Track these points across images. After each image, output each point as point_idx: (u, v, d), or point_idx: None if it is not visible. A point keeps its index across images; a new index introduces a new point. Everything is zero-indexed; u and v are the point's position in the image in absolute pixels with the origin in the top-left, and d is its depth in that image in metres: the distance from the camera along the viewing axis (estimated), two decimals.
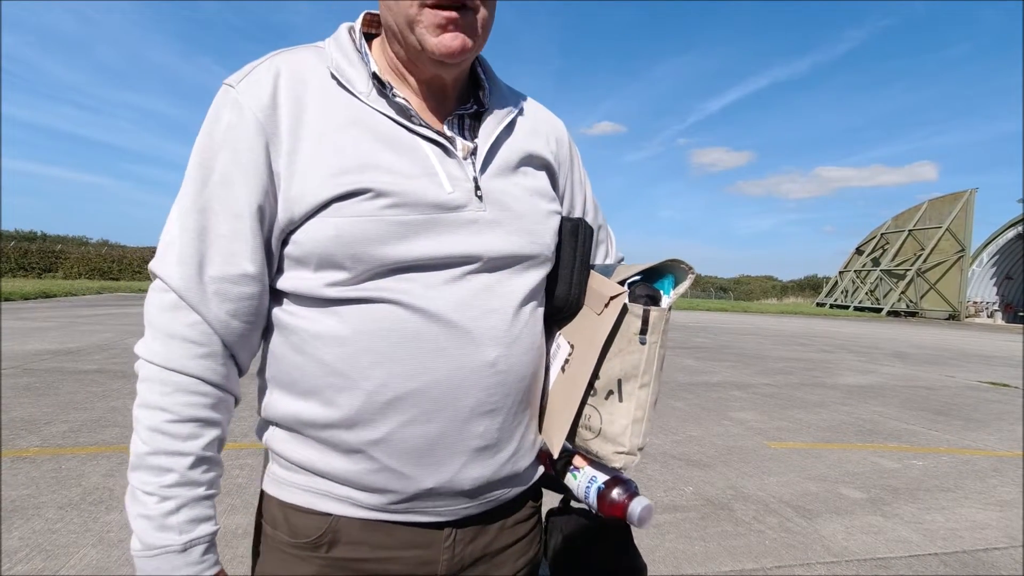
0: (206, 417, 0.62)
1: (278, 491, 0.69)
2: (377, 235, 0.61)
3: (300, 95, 0.63)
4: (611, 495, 0.72)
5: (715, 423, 4.74)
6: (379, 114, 0.65)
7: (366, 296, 0.62)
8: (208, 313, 0.61)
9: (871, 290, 36.79)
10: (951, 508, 3.12)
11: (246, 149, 0.61)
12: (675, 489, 3.18)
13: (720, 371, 7.63)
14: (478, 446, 0.67)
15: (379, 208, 0.61)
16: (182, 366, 0.61)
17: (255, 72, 0.64)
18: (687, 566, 2.34)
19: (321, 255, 0.61)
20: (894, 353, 11.31)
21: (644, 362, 0.70)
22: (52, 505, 2.57)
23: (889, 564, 2.45)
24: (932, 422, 5.23)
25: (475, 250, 0.65)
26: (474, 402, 0.65)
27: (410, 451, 0.64)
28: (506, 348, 0.67)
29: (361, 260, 0.61)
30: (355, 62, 0.67)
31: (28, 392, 4.55)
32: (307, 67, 0.65)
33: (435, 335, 0.63)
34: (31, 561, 2.11)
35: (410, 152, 0.64)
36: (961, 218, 32.63)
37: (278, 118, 0.62)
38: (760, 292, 58.35)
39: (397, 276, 0.62)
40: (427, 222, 0.63)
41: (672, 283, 0.75)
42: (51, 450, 3.28)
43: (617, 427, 0.71)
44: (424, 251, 0.62)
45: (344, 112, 0.64)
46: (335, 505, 0.66)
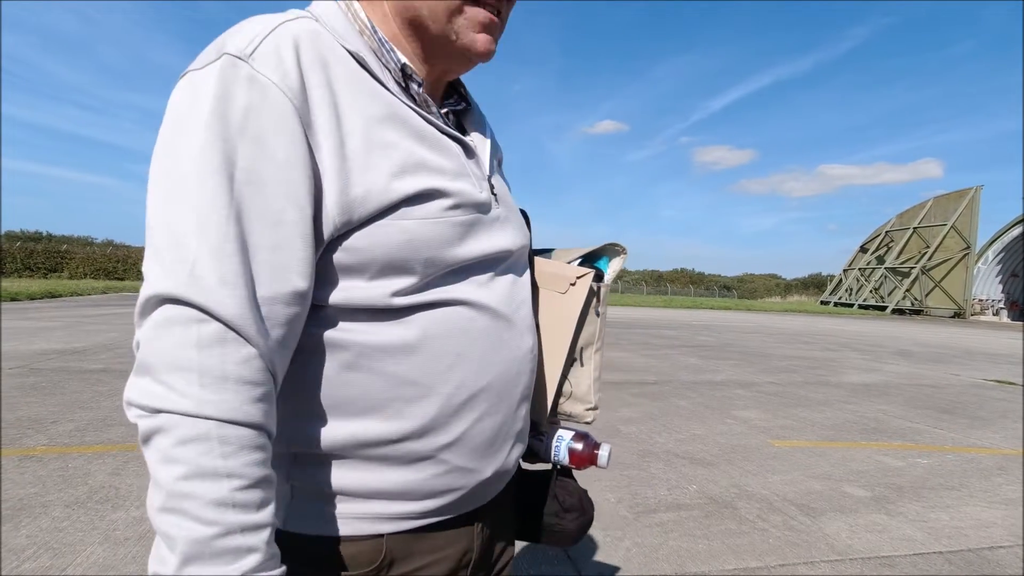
0: (271, 477, 0.51)
1: (317, 527, 0.61)
2: (446, 237, 0.59)
3: (328, 77, 0.55)
4: (579, 447, 0.84)
5: (719, 421, 4.73)
6: (408, 109, 0.60)
7: (435, 300, 0.60)
8: (263, 344, 0.50)
9: (875, 288, 36.64)
10: (956, 506, 3.11)
11: (283, 140, 0.51)
12: (679, 487, 3.18)
13: (724, 369, 7.62)
14: (521, 428, 0.72)
15: (442, 210, 0.59)
16: (245, 415, 0.48)
17: (269, 42, 0.52)
18: (691, 564, 2.34)
19: (386, 262, 0.56)
20: (899, 351, 11.27)
21: (598, 330, 0.83)
22: (59, 503, 2.59)
23: (894, 562, 2.45)
24: (937, 420, 5.21)
25: (507, 245, 0.67)
26: (523, 388, 0.70)
27: (479, 446, 0.65)
28: (535, 334, 0.73)
29: (433, 264, 0.59)
30: (364, 46, 0.60)
31: (35, 391, 4.57)
32: (325, 43, 0.57)
33: (496, 329, 0.65)
34: (38, 559, 2.12)
35: (445, 151, 0.63)
36: (966, 215, 32.46)
37: (311, 103, 0.53)
38: (764, 290, 58.22)
39: (458, 277, 0.62)
40: (475, 221, 0.63)
41: (607, 262, 0.87)
42: (58, 449, 3.30)
43: (583, 388, 0.83)
44: (480, 250, 0.63)
45: (376, 103, 0.57)
46: (386, 524, 0.62)
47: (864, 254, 40.16)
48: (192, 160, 0.49)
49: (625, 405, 5.14)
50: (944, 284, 33.00)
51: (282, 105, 0.51)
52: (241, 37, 0.52)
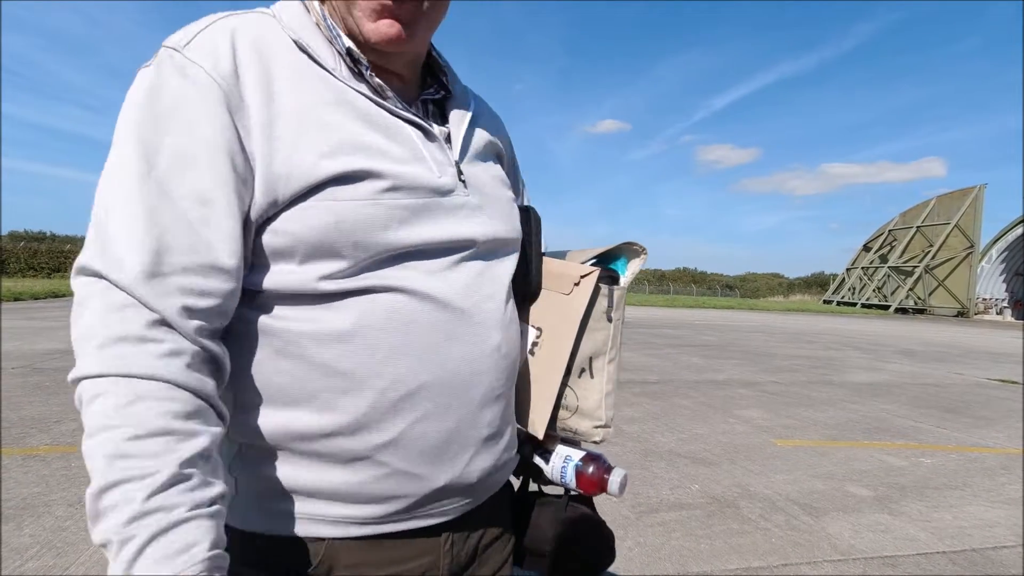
0: (182, 429, 0.48)
1: (255, 524, 0.60)
2: (380, 220, 0.56)
3: (266, 63, 0.56)
4: (589, 470, 0.75)
5: (721, 421, 4.73)
6: (357, 93, 0.60)
7: (369, 286, 0.57)
8: (170, 311, 0.49)
9: (879, 287, 36.57)
10: (959, 506, 3.10)
11: (208, 122, 0.52)
12: (681, 487, 3.18)
13: (726, 369, 7.60)
14: (486, 435, 0.65)
15: (378, 192, 0.57)
16: (142, 368, 0.47)
17: (205, 34, 0.55)
18: (693, 564, 2.34)
19: (314, 244, 0.55)
20: (902, 351, 11.24)
21: (611, 338, 0.74)
22: (62, 503, 2.60)
23: (897, 562, 2.44)
24: (940, 420, 5.20)
25: (469, 234, 0.63)
26: (485, 389, 0.63)
27: (425, 449, 0.59)
28: (505, 331, 0.66)
29: (363, 247, 0.56)
30: (318, 35, 0.61)
31: (38, 391, 4.59)
32: (268, 33, 0.58)
33: (446, 322, 0.60)
34: (41, 558, 2.13)
35: (396, 134, 0.60)
36: (970, 214, 32.36)
37: (242, 87, 0.54)
38: (766, 290, 58.15)
39: (398, 264, 0.58)
40: (425, 206, 0.60)
41: (625, 264, 0.79)
42: (61, 448, 3.31)
43: (592, 402, 0.74)
44: (426, 236, 0.59)
45: (320, 87, 0.58)
46: (329, 528, 0.59)
47: (867, 253, 40.08)
48: (124, 143, 0.52)
49: (627, 404, 5.13)
50: (947, 283, 32.91)
51: (209, 90, 0.53)
52: (182, 32, 0.56)
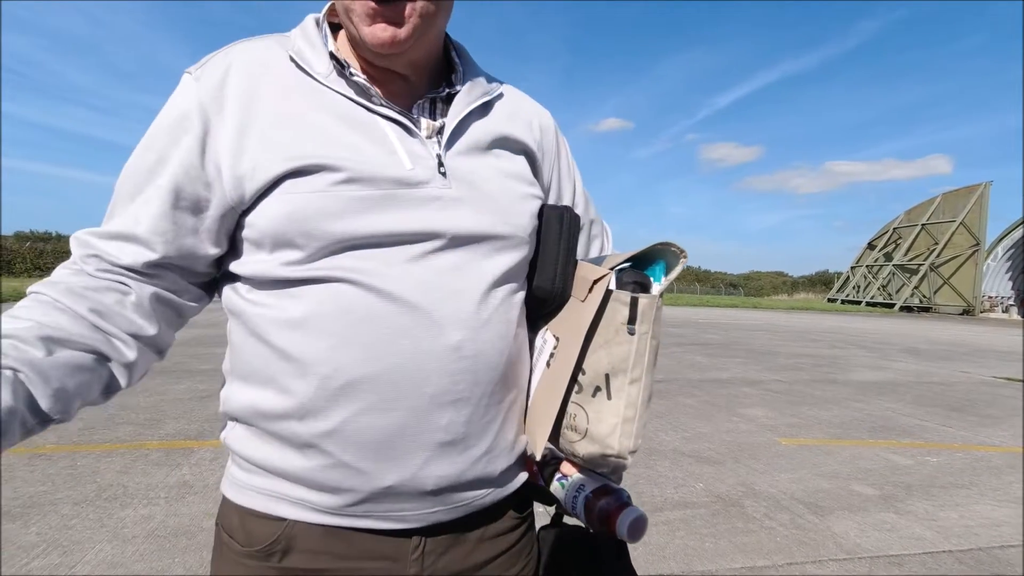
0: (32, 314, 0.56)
1: (235, 494, 0.65)
2: (331, 211, 0.58)
3: (255, 79, 0.63)
4: (599, 505, 0.65)
5: (725, 419, 4.72)
6: (337, 95, 0.64)
7: (320, 276, 0.59)
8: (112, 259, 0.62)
9: (883, 285, 36.43)
10: (966, 505, 3.09)
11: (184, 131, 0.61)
12: (685, 486, 3.17)
13: (730, 367, 7.59)
14: (442, 440, 0.62)
15: (332, 184, 0.59)
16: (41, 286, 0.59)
17: (211, 60, 0.64)
18: (698, 563, 2.33)
19: (275, 234, 0.60)
20: (907, 349, 11.19)
21: (634, 354, 0.63)
22: (68, 501, 2.61)
23: (903, 561, 2.43)
24: (946, 418, 5.17)
25: (437, 226, 0.62)
26: (436, 389, 0.60)
27: (366, 443, 0.59)
28: (473, 332, 0.62)
29: (314, 236, 0.58)
30: (317, 46, 0.66)
31: None
32: (267, 53, 0.65)
33: (394, 316, 0.59)
34: (48, 556, 2.14)
35: (368, 131, 0.63)
36: (975, 212, 32.20)
37: (223, 99, 0.61)
38: (770, 288, 57.99)
39: (353, 253, 0.60)
40: (384, 197, 0.60)
41: (663, 269, 0.68)
42: (67, 447, 3.32)
43: (605, 427, 0.64)
44: (381, 226, 0.60)
45: (301, 93, 0.63)
46: (289, 509, 0.62)
47: (872, 251, 39.92)
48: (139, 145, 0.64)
49: None
50: (953, 281, 32.76)
51: (196, 106, 0.61)
52: (203, 59, 0.64)
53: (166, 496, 2.70)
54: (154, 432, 3.65)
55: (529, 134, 0.76)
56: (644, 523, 0.64)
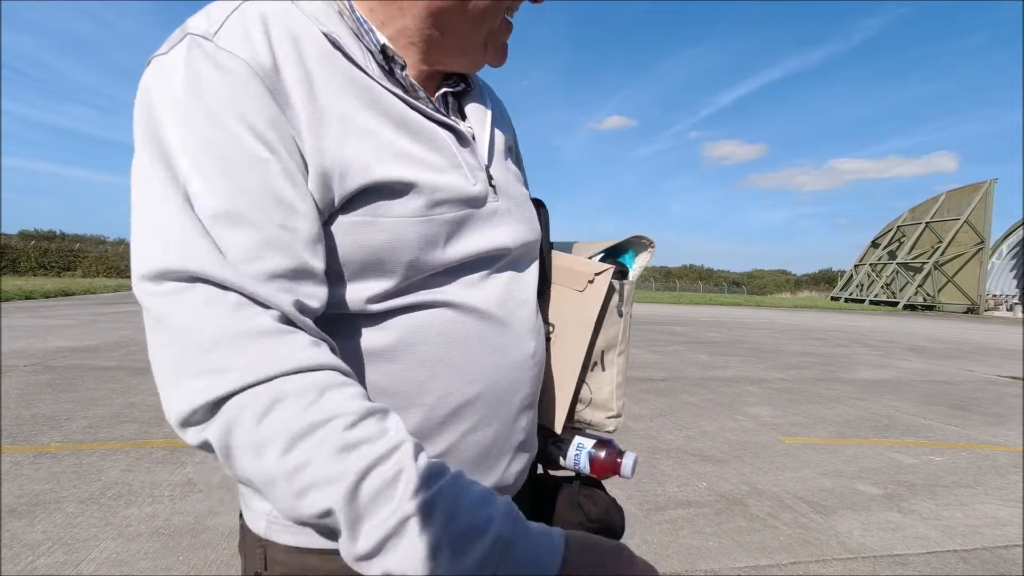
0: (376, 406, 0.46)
1: (294, 537, 0.56)
2: (431, 237, 0.54)
3: (302, 57, 0.50)
4: (602, 456, 0.78)
5: (729, 418, 4.71)
6: (389, 93, 0.55)
7: (413, 303, 0.55)
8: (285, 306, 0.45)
9: (887, 284, 36.32)
10: (970, 504, 3.08)
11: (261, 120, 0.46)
12: (689, 485, 3.17)
13: (733, 366, 7.57)
14: (521, 440, 0.65)
15: (426, 207, 0.54)
16: (301, 360, 0.43)
17: (234, 19, 0.48)
18: (701, 562, 2.33)
19: (366, 262, 0.52)
20: (911, 347, 11.15)
21: (622, 331, 0.75)
22: (73, 500, 2.62)
23: (907, 561, 2.42)
24: (950, 417, 5.15)
25: (505, 243, 0.61)
26: (523, 397, 0.64)
27: (470, 460, 0.59)
28: (538, 337, 0.66)
29: (416, 267, 0.54)
30: (343, 27, 0.55)
31: (49, 388, 4.63)
32: (296, 23, 0.51)
33: (486, 333, 0.59)
34: (53, 554, 2.15)
35: (432, 141, 0.57)
36: (980, 210, 32.06)
37: (284, 83, 0.48)
38: (774, 286, 57.86)
39: (441, 278, 0.57)
40: (465, 218, 0.57)
41: (633, 257, 0.80)
42: (72, 446, 3.34)
43: (605, 394, 0.77)
44: (470, 249, 0.58)
45: (353, 86, 0.52)
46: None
47: (876, 249, 39.79)
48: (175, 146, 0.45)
49: (634, 402, 5.12)
50: (957, 279, 32.63)
51: (256, 84, 0.46)
52: (204, 17, 0.48)
53: (170, 494, 2.71)
54: (159, 430, 3.67)
55: (511, 129, 0.74)
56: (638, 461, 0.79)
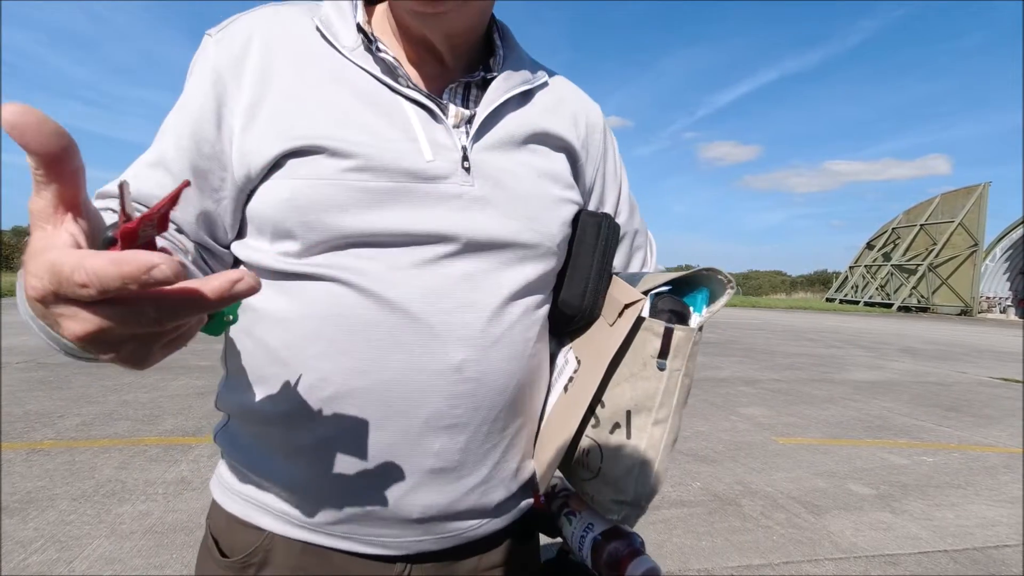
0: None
1: (222, 497, 0.62)
2: (335, 201, 0.53)
3: (276, 49, 0.57)
4: (608, 549, 0.60)
5: (722, 418, 4.72)
6: (361, 70, 0.57)
7: (317, 272, 0.54)
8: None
9: (881, 285, 36.49)
10: (961, 505, 3.10)
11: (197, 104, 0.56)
12: (682, 484, 3.18)
13: (728, 366, 7.60)
14: (433, 466, 0.56)
15: (340, 171, 0.53)
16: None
17: (234, 24, 0.59)
18: (694, 561, 2.34)
19: (275, 221, 0.54)
20: (904, 349, 11.21)
21: (662, 393, 0.57)
22: (66, 497, 2.61)
23: (898, 560, 2.44)
24: (943, 418, 5.19)
25: (452, 229, 0.55)
26: (430, 412, 0.55)
27: (351, 462, 0.55)
28: (479, 351, 0.56)
29: (314, 228, 0.53)
30: (346, 15, 0.59)
31: (43, 386, 4.60)
32: (292, 21, 0.59)
33: (391, 327, 0.53)
34: (45, 551, 2.14)
35: (388, 113, 0.56)
36: (974, 212, 32.25)
37: (242, 70, 0.56)
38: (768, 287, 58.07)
39: (356, 251, 0.54)
40: (397, 190, 0.54)
41: (707, 298, 0.60)
42: (65, 443, 3.32)
43: (620, 469, 0.58)
44: (389, 224, 0.54)
45: (322, 67, 0.57)
46: (270, 520, 0.59)
47: (870, 251, 39.97)
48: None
49: None
50: (951, 281, 32.81)
51: (210, 76, 0.56)
52: (226, 21, 0.60)
53: (164, 492, 2.71)
54: (152, 428, 3.65)
55: (573, 130, 0.67)
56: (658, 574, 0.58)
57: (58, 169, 0.28)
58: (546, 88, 0.67)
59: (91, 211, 0.32)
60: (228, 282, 0.29)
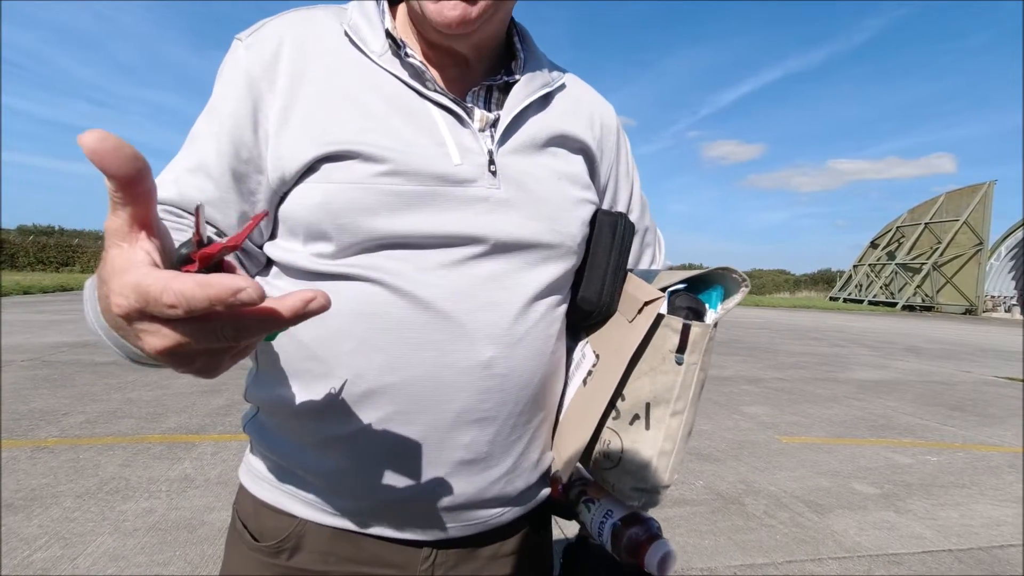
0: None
1: (251, 484, 0.65)
2: (367, 204, 0.55)
3: (307, 54, 0.59)
4: (627, 534, 0.62)
5: (726, 417, 4.72)
6: (389, 75, 0.59)
7: (350, 273, 0.56)
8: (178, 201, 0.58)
9: (886, 284, 36.37)
10: (966, 504, 3.09)
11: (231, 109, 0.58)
12: (685, 483, 3.18)
13: (731, 365, 7.58)
14: (463, 458, 0.59)
15: (372, 175, 0.55)
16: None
17: (264, 28, 0.60)
18: (697, 560, 2.34)
19: (308, 224, 0.56)
20: (909, 348, 11.17)
21: (679, 386, 0.59)
22: (70, 494, 2.62)
23: (902, 560, 2.43)
24: (947, 417, 5.17)
25: (480, 231, 0.57)
26: (461, 407, 0.57)
27: (384, 454, 0.57)
28: (506, 348, 0.58)
29: (347, 230, 0.55)
30: (374, 21, 0.61)
31: (47, 383, 4.62)
32: (321, 26, 0.61)
33: (422, 325, 0.56)
34: (50, 548, 2.15)
35: (417, 118, 0.58)
36: (979, 211, 32.09)
37: (276, 74, 0.57)
38: (772, 286, 57.94)
39: (387, 253, 0.56)
40: (426, 194, 0.56)
41: (721, 295, 0.63)
42: (69, 440, 3.34)
43: (640, 459, 0.61)
44: (418, 226, 0.56)
45: (351, 73, 0.58)
46: (302, 508, 0.61)
47: (874, 250, 39.83)
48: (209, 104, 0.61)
49: None
50: (956, 280, 32.67)
51: (244, 80, 0.58)
52: (256, 25, 0.61)
53: (167, 490, 2.72)
54: (156, 426, 3.67)
55: (589, 132, 0.70)
56: (673, 558, 0.62)
57: (133, 191, 0.30)
58: (564, 90, 0.69)
59: (162, 229, 0.34)
60: (302, 301, 0.32)
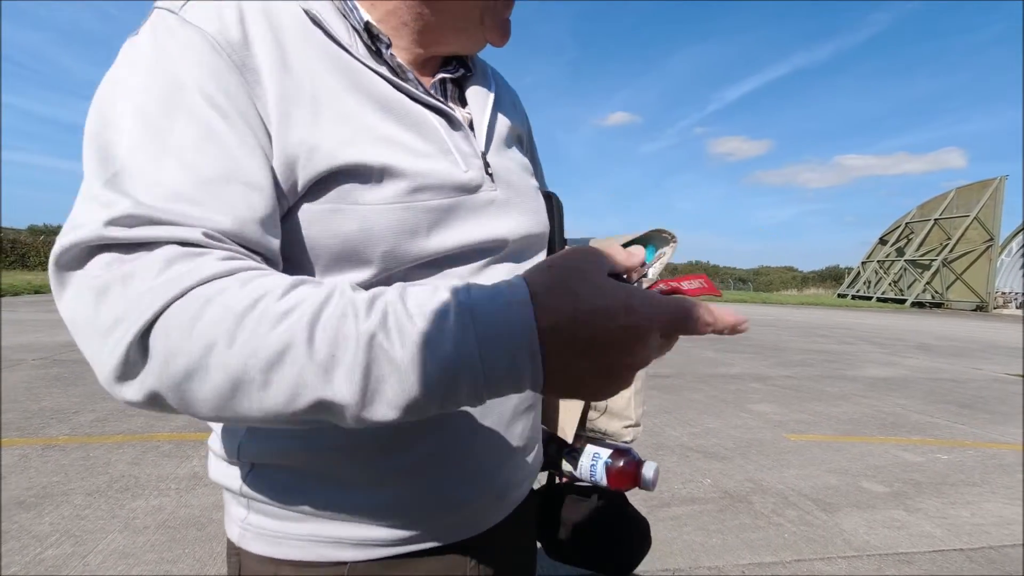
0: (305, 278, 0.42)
1: (268, 547, 0.55)
2: (411, 225, 0.50)
3: (277, 33, 0.48)
4: (620, 466, 0.74)
5: (733, 415, 4.70)
6: (374, 74, 0.52)
7: None
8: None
9: (895, 281, 36.10)
10: (977, 503, 3.06)
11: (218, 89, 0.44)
12: (693, 481, 3.17)
13: (739, 363, 7.55)
14: (515, 447, 0.60)
15: (405, 193, 0.50)
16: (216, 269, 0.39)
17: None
18: (705, 558, 2.33)
19: (340, 252, 0.49)
20: (918, 345, 11.08)
21: None
22: (80, 492, 2.65)
23: (912, 559, 2.41)
24: (957, 415, 5.12)
25: (500, 234, 0.57)
26: (516, 401, 0.59)
27: (454, 465, 0.55)
28: None
29: (393, 256, 0.50)
30: (327, 5, 0.53)
31: (58, 382, 4.67)
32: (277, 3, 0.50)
33: None
34: (60, 546, 2.17)
35: (417, 124, 0.54)
36: (990, 206, 31.77)
37: (254, 58, 0.46)
38: (780, 283, 57.62)
39: (426, 269, 0.53)
40: (453, 207, 0.53)
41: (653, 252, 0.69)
42: (80, 438, 3.37)
43: (621, 402, 0.74)
44: (458, 239, 0.53)
45: (334, 67, 0.50)
46: (351, 551, 0.55)
47: (883, 246, 39.54)
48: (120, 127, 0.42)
49: None
50: (966, 277, 32.38)
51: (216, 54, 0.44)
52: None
53: (176, 487, 2.74)
54: (165, 424, 3.69)
55: (521, 120, 0.72)
56: (659, 472, 0.76)
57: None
58: (498, 83, 0.69)
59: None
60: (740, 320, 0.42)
